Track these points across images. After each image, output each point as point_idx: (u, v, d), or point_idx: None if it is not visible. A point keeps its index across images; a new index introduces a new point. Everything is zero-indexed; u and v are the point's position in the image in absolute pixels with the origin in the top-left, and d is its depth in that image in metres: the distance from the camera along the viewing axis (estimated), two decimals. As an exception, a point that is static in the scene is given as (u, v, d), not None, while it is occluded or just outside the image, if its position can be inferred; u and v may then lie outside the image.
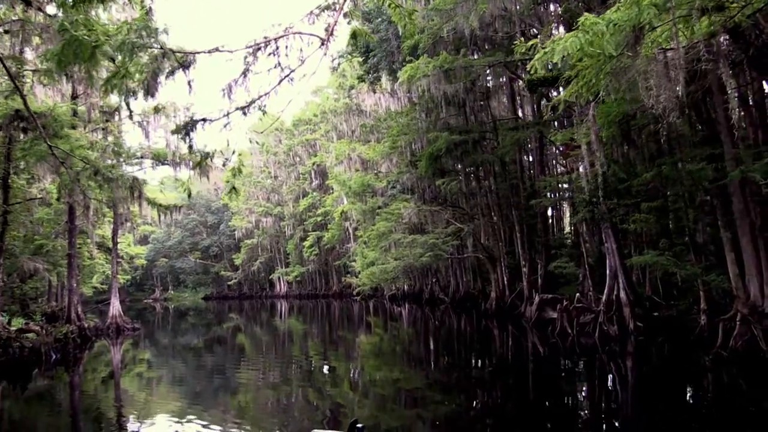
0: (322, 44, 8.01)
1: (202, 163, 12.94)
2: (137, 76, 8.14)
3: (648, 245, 21.58)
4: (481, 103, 34.73)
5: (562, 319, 22.35)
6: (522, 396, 13.93)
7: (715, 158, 16.26)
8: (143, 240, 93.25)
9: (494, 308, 33.36)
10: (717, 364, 15.13)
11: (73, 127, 26.98)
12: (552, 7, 26.48)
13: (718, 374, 14.73)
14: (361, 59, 35.94)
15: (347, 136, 56.05)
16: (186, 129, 9.26)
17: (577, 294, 23.44)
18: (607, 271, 21.90)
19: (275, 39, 8.10)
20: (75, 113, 29.36)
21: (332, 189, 59.71)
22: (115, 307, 36.81)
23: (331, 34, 7.93)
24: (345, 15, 8.52)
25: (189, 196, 26.07)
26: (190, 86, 8.76)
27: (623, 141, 19.28)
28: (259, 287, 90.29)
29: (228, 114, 8.73)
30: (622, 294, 21.00)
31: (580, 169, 20.88)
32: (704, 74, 14.95)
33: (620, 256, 21.58)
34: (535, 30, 30.91)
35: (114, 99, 33.41)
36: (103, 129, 29.99)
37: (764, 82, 19.77)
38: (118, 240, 48.65)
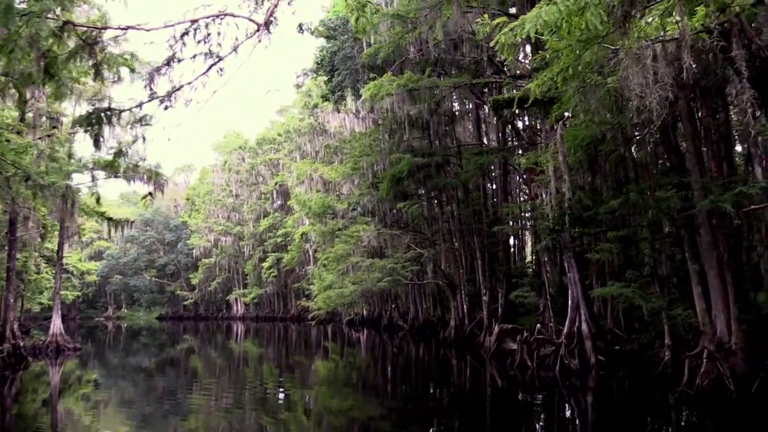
0: (258, 30, 6.91)
1: (113, 163, 11.57)
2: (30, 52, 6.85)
3: (611, 276, 20.84)
4: (446, 127, 34.11)
5: (522, 350, 21.36)
6: (478, 430, 12.91)
7: (683, 187, 15.61)
8: (98, 255, 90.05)
9: (453, 337, 32.40)
10: (682, 403, 14.31)
11: (18, 133, 25.31)
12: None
13: (682, 413, 13.92)
14: (326, 78, 35.11)
15: (311, 157, 55.09)
16: (89, 121, 7.97)
17: (538, 325, 22.55)
18: (569, 302, 21.10)
19: (205, 23, 6.98)
20: (22, 119, 27.70)
21: (294, 210, 58.42)
22: (56, 324, 34.49)
23: (269, 19, 6.85)
24: (289, 3, 7.46)
25: (144, 206, 24.53)
26: (96, 71, 7.50)
27: (589, 167, 18.63)
28: (216, 308, 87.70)
29: (141, 105, 7.52)
30: (584, 326, 20.16)
31: (544, 196, 20.12)
32: (675, 100, 14.33)
33: (583, 286, 20.80)
34: (503, 56, 30.55)
35: (64, 105, 31.79)
36: (48, 136, 28.22)
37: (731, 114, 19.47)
38: (66, 254, 46.26)
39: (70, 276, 68.55)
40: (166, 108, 7.68)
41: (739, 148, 23.40)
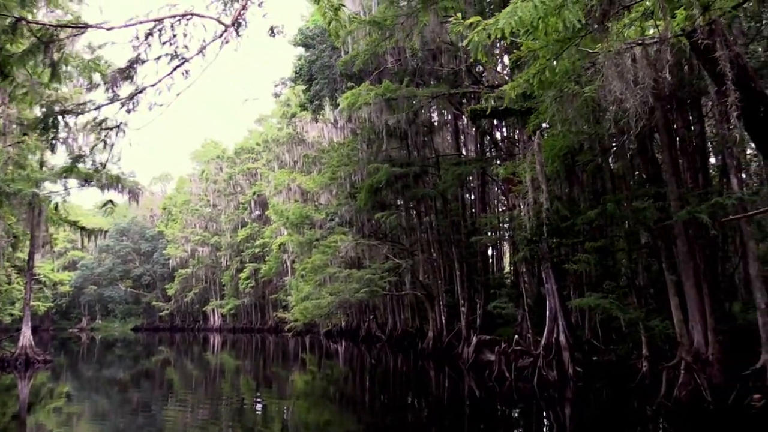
0: (225, 31, 6.62)
1: (72, 169, 11.13)
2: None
3: (589, 287, 20.77)
4: (425, 138, 34.00)
5: (500, 362, 21.17)
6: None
7: (660, 197, 15.58)
8: (72, 266, 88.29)
9: (431, 348, 32.14)
10: (660, 415, 14.19)
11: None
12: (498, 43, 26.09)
13: (660, 425, 13.82)
14: (304, 87, 34.84)
15: (289, 167, 54.66)
16: (44, 125, 7.58)
17: (516, 336, 22.39)
18: (547, 313, 20.98)
19: (171, 24, 6.66)
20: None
21: (272, 220, 57.85)
22: (26, 336, 33.45)
23: (238, 20, 6.57)
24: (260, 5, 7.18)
25: (111, 213, 23.97)
26: (53, 71, 7.11)
27: (567, 177, 18.57)
28: (192, 319, 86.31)
29: (100, 107, 7.17)
30: (562, 337, 20.02)
31: (522, 206, 20.01)
32: (652, 111, 14.32)
33: (560, 297, 20.69)
34: (481, 67, 30.62)
35: (37, 111, 31.07)
36: (18, 143, 27.50)
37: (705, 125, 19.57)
38: (38, 264, 45.12)
39: (42, 286, 67.04)
40: (128, 111, 7.33)
41: (713, 160, 23.60)
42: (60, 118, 7.32)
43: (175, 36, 6.72)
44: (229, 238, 72.14)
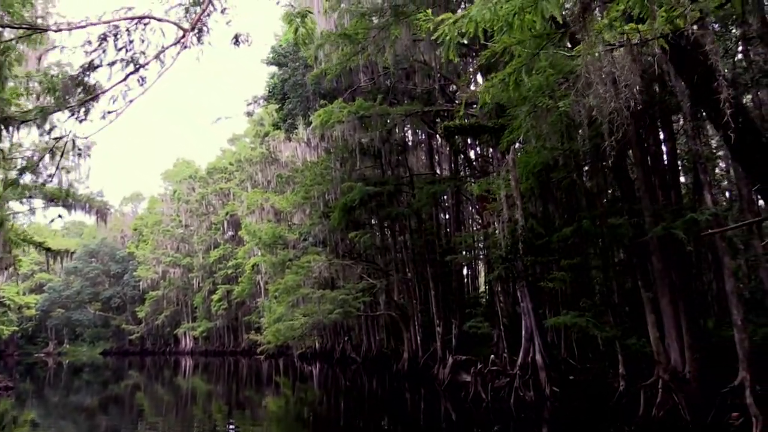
0: (184, 36, 6.25)
1: (14, 183, 10.56)
2: None
3: (565, 305, 20.57)
4: (399, 156, 33.88)
5: (476, 383, 20.78)
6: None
7: (635, 214, 15.48)
8: (39, 288, 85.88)
9: (407, 369, 31.67)
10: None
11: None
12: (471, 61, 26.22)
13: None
14: (277, 106, 34.55)
15: (263, 186, 54.11)
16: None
17: (492, 356, 22.05)
18: (523, 332, 20.72)
19: (127, 28, 6.24)
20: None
21: (245, 240, 57.05)
22: (-14, 362, 32.25)
23: (197, 24, 6.21)
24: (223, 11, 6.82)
25: (56, 226, 23.12)
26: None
27: (541, 195, 18.45)
28: (164, 343, 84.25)
29: (46, 115, 6.68)
30: (538, 357, 19.74)
31: (497, 224, 19.82)
32: (625, 128, 14.24)
33: (536, 316, 20.44)
34: (454, 86, 30.67)
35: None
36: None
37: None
38: (3, 287, 43.64)
39: (7, 310, 64.97)
40: (80, 121, 6.86)
41: (682, 179, 23.80)
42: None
43: (132, 42, 6.32)
44: (201, 259, 70.83)
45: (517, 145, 17.74)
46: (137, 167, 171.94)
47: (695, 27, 6.33)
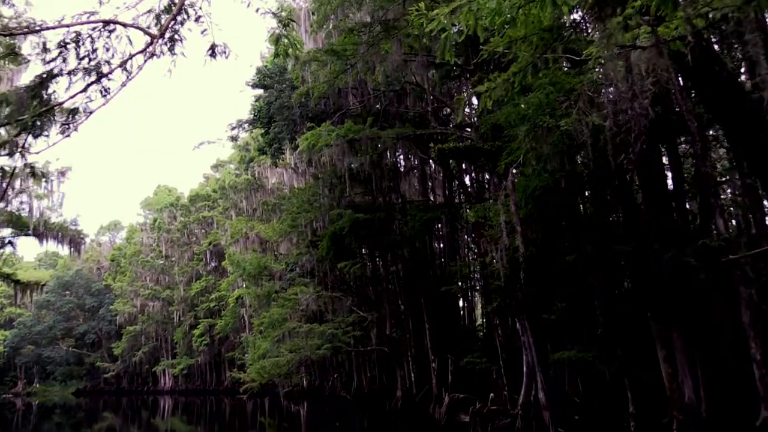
0: (152, 43, 5.91)
1: None
2: None
3: (569, 338, 20.08)
4: (390, 183, 33.67)
5: (476, 423, 20.22)
6: None
7: (641, 240, 15.16)
8: (8, 324, 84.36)
9: (401, 408, 31.02)
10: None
11: None
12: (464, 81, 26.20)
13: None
14: (262, 130, 34.41)
15: (248, 214, 53.73)
16: None
17: (492, 394, 21.52)
18: (524, 368, 20.27)
19: (90, 35, 5.88)
20: None
21: (228, 272, 56.42)
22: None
23: (168, 32, 5.88)
24: (197, 20, 6.49)
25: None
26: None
27: (541, 220, 18.10)
28: (141, 381, 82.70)
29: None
30: (541, 395, 19.23)
31: (494, 253, 19.46)
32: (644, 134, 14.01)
33: (538, 351, 19.96)
34: (448, 109, 30.63)
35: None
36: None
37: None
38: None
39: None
40: (35, 136, 6.46)
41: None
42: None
43: (95, 50, 5.97)
44: (182, 292, 69.97)
45: (515, 170, 17.50)
46: (116, 194, 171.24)
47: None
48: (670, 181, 18.51)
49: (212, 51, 6.98)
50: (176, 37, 6.21)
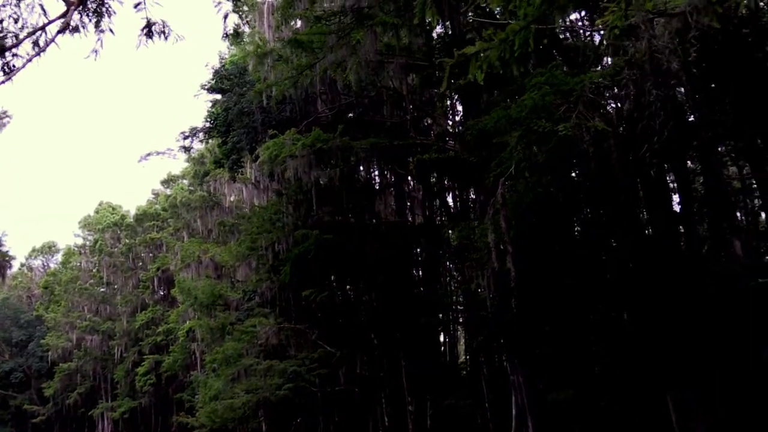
0: (68, 11, 5.40)
1: None
2: None
3: (565, 375, 19.77)
4: (364, 201, 33.39)
5: (458, 475, 19.66)
6: None
7: (647, 264, 14.92)
8: None
9: (373, 458, 30.43)
10: None
11: None
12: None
13: None
14: (220, 140, 34.00)
15: (202, 236, 53.05)
16: None
17: (477, 441, 21.06)
18: (513, 412, 19.91)
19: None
20: None
21: (178, 301, 55.50)
22: None
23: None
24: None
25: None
26: None
27: (534, 241, 17.83)
28: (76, 426, 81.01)
29: None
30: (533, 441, 18.79)
31: (480, 280, 19.14)
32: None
33: (530, 392, 19.55)
34: (429, 119, 30.51)
35: None
36: None
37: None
38: None
39: None
40: None
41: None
42: None
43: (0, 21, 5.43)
44: (125, 324, 68.84)
45: (506, 183, 17.23)
46: (51, 212, 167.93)
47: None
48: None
49: (148, 29, 6.42)
50: (102, 9, 5.69)
